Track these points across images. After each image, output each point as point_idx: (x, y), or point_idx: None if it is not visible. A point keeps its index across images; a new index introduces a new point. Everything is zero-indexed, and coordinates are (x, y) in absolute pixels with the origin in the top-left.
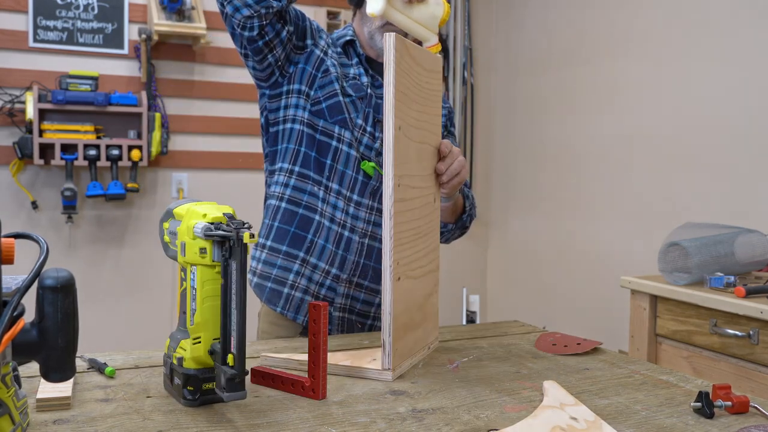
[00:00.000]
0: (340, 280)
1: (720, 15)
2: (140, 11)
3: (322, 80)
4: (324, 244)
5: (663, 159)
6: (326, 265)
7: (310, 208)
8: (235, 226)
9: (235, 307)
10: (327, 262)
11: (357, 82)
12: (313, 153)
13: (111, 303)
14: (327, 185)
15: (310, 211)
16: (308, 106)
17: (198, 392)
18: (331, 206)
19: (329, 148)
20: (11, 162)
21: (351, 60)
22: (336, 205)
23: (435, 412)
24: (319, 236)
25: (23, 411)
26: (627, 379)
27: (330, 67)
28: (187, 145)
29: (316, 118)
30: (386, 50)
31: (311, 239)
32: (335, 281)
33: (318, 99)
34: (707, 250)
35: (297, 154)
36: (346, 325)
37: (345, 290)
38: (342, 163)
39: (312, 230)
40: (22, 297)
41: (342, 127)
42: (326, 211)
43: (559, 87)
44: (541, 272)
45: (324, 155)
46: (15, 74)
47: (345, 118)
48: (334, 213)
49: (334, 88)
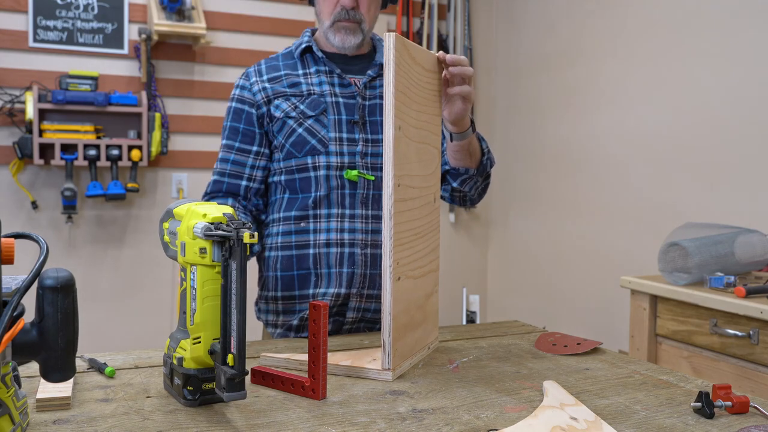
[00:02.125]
0: (351, 297)
1: (720, 15)
2: (140, 11)
3: (276, 125)
4: (327, 271)
5: (663, 159)
6: (335, 289)
7: (302, 245)
8: (235, 226)
9: (235, 307)
10: (335, 286)
11: (314, 96)
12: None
13: (111, 303)
14: (315, 214)
15: (303, 249)
16: (278, 155)
17: (198, 392)
18: (324, 232)
19: (310, 180)
20: (11, 162)
21: (309, 68)
22: (329, 228)
23: (435, 412)
24: (320, 266)
25: (23, 411)
26: (627, 379)
27: (274, 112)
28: (187, 145)
29: (288, 161)
30: (386, 50)
31: (315, 272)
32: (346, 299)
33: (282, 143)
34: (707, 250)
35: (281, 202)
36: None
37: (356, 305)
38: (324, 188)
39: (311, 264)
40: (22, 297)
41: (314, 155)
42: (319, 241)
43: (559, 87)
44: (541, 272)
45: (307, 189)
46: (15, 74)
47: (313, 145)
48: (329, 237)
49: (289, 126)
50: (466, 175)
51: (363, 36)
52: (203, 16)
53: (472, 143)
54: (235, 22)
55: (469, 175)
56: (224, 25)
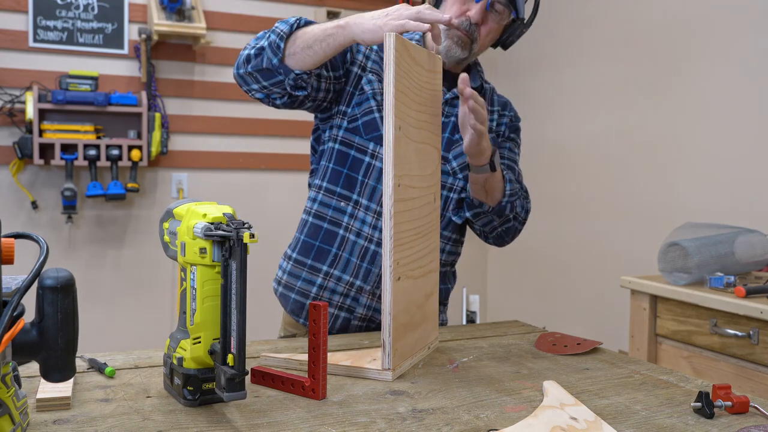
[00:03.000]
0: (363, 291)
1: (721, 15)
2: (140, 11)
3: (359, 97)
4: (348, 257)
5: (663, 159)
6: (350, 278)
7: (335, 222)
8: (235, 226)
9: (235, 307)
10: (351, 275)
11: None
12: (345, 170)
13: (111, 303)
14: (357, 200)
15: (334, 226)
16: (344, 124)
17: (198, 392)
18: (359, 221)
19: (362, 164)
20: (11, 162)
21: None
22: (364, 220)
23: (435, 412)
24: (344, 250)
25: (23, 411)
26: (627, 379)
27: (365, 85)
28: (187, 145)
29: (351, 134)
30: (386, 50)
31: (335, 252)
32: (359, 293)
33: (355, 116)
34: (707, 250)
35: (327, 170)
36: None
37: (367, 301)
38: (374, 179)
39: (336, 244)
40: (22, 297)
41: (377, 144)
42: (353, 226)
43: (558, 87)
44: (541, 272)
45: (356, 171)
46: (15, 74)
47: (380, 135)
48: (362, 228)
49: (369, 105)
50: (479, 209)
51: (469, 55)
52: (203, 16)
53: (490, 182)
54: (235, 22)
55: (482, 210)
56: (224, 25)
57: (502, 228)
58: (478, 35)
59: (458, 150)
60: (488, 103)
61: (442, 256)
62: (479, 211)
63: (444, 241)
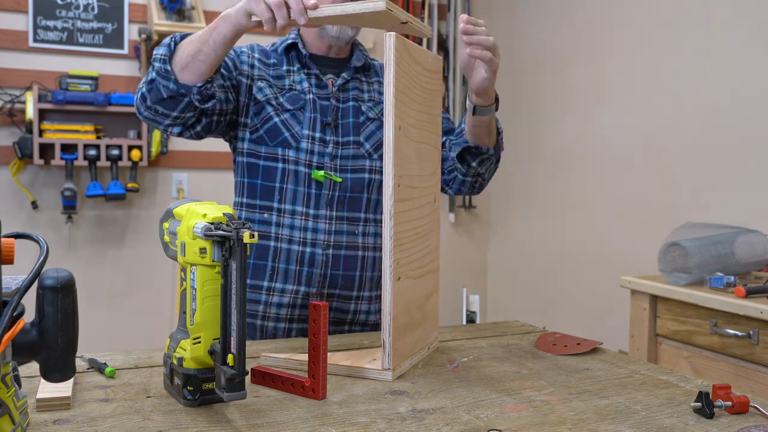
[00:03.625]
0: (310, 296)
1: (721, 15)
2: (140, 11)
3: (256, 107)
4: (286, 266)
5: (663, 159)
6: (294, 285)
7: (264, 236)
8: (235, 226)
9: (235, 307)
10: (294, 283)
11: (294, 92)
12: (259, 180)
13: (111, 303)
14: (280, 208)
15: (264, 239)
16: (247, 136)
17: (198, 392)
18: (288, 228)
19: (276, 171)
20: (11, 162)
21: (292, 65)
22: (293, 225)
23: (435, 412)
24: (279, 261)
25: (23, 411)
26: (627, 379)
27: (256, 94)
28: (187, 145)
29: (256, 145)
30: (386, 50)
31: (272, 266)
32: (306, 298)
33: (255, 126)
34: (707, 250)
35: (243, 186)
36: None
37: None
38: (292, 182)
39: (270, 257)
40: (22, 297)
41: (285, 148)
42: (282, 235)
43: (558, 86)
44: (541, 272)
45: (271, 179)
46: (15, 74)
47: (286, 138)
48: (292, 234)
49: (267, 112)
50: (486, 155)
51: (356, 32)
52: (203, 16)
53: (493, 120)
54: None
55: (488, 155)
56: None
57: (494, 168)
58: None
59: (368, 131)
60: (373, 74)
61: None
62: (485, 156)
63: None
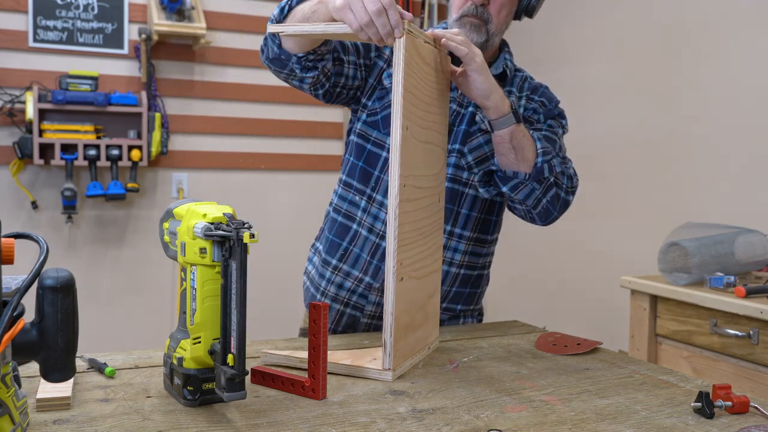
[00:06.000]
0: (372, 288)
1: (721, 15)
2: (140, 11)
3: (381, 92)
4: (359, 252)
5: (663, 159)
6: (359, 273)
7: (349, 216)
8: (235, 226)
9: (235, 307)
10: (360, 271)
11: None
12: (361, 163)
13: (111, 303)
14: (371, 196)
15: (348, 220)
16: (363, 117)
17: (198, 392)
18: (372, 217)
19: (379, 159)
20: (11, 162)
21: None
22: (377, 216)
23: (435, 412)
24: (355, 245)
25: (23, 411)
26: (627, 379)
27: (385, 79)
28: (187, 145)
29: (369, 128)
30: (396, 50)
31: (346, 247)
32: (367, 289)
33: (375, 110)
34: (707, 250)
35: (347, 163)
36: (372, 331)
37: (376, 299)
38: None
39: (348, 238)
40: (22, 297)
41: None
42: (365, 221)
43: (558, 87)
44: (541, 272)
45: (372, 165)
46: (15, 74)
47: None
48: (374, 224)
49: (390, 100)
50: (515, 180)
51: (487, 37)
52: (203, 16)
53: (516, 137)
54: (235, 22)
55: (519, 180)
56: (224, 25)
57: (546, 198)
58: (489, 15)
59: (475, 143)
60: (516, 89)
61: (464, 258)
62: (516, 182)
63: (465, 241)
